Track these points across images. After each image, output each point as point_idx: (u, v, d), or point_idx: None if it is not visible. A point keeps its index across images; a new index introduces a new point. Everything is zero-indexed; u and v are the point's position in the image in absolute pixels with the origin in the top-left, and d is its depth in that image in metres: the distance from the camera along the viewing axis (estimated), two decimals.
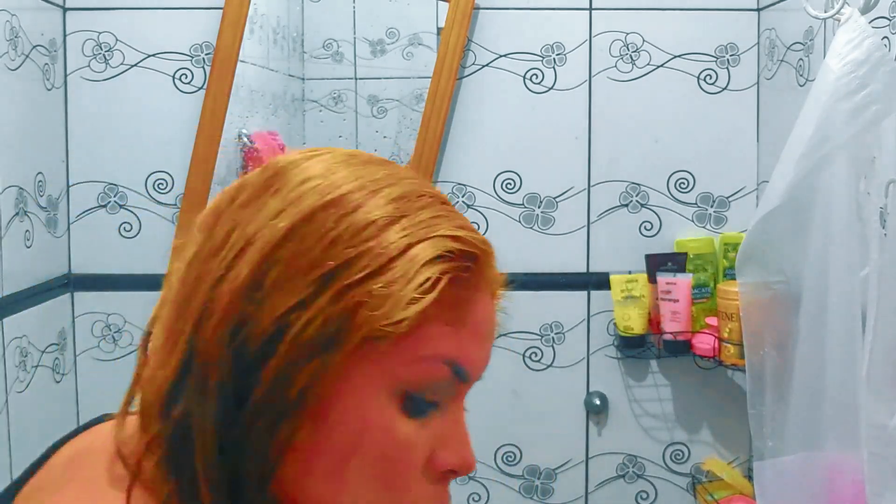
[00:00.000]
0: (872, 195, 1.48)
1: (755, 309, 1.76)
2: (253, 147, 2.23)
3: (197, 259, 0.67)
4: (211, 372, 0.63)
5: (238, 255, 0.64)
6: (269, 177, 0.69)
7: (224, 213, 0.68)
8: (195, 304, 0.65)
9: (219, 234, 0.66)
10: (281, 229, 0.64)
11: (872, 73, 1.46)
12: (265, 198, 0.67)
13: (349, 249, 0.63)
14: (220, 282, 0.64)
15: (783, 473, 1.68)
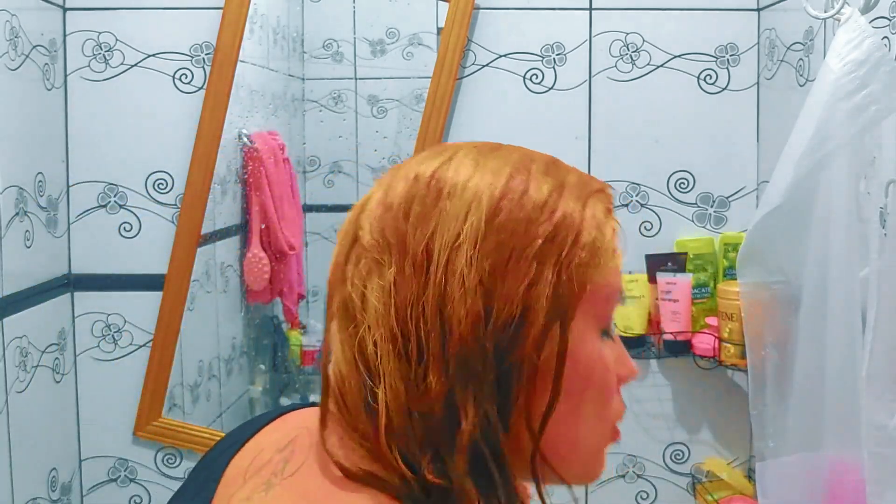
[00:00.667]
0: (872, 195, 1.48)
1: (756, 309, 1.76)
2: (253, 147, 2.23)
3: (402, 276, 0.70)
4: (475, 366, 0.67)
5: (451, 260, 0.68)
6: (433, 187, 0.72)
7: (406, 230, 0.71)
8: (429, 315, 0.68)
9: (415, 248, 0.70)
10: (480, 226, 0.69)
11: (872, 73, 1.46)
12: (441, 204, 0.71)
13: (545, 224, 0.71)
14: (447, 288, 0.68)
15: (784, 474, 1.68)
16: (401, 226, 0.71)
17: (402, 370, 0.68)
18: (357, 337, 0.70)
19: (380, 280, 0.70)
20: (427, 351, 0.68)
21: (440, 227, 0.70)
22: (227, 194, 2.27)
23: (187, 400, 2.26)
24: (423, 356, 0.68)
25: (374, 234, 0.72)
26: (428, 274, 0.69)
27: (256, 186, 2.27)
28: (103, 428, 2.26)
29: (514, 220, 0.71)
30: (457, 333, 0.68)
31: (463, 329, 0.67)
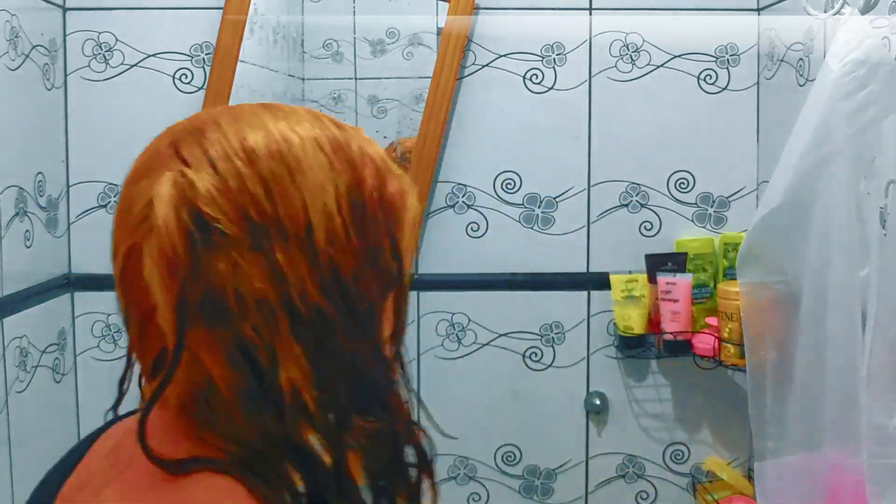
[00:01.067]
0: (872, 195, 1.48)
1: (756, 309, 1.77)
2: None
3: (289, 256, 0.69)
4: (376, 321, 0.73)
5: (329, 230, 0.70)
6: (280, 163, 0.72)
7: (276, 210, 0.70)
8: (329, 285, 0.70)
9: (292, 226, 0.70)
10: (341, 192, 0.72)
11: (872, 74, 1.46)
12: (298, 179, 0.71)
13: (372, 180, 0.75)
14: (336, 256, 0.70)
15: (784, 474, 1.68)
16: (267, 207, 0.68)
17: (307, 346, 0.67)
18: (236, 332, 0.67)
19: (261, 266, 0.67)
20: (332, 318, 0.68)
21: (307, 201, 0.69)
22: None
23: None
24: (327, 326, 0.68)
25: (236, 222, 0.67)
26: (314, 246, 0.68)
27: None
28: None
29: (355, 182, 0.72)
30: (356, 291, 0.69)
31: (360, 285, 0.69)
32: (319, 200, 0.69)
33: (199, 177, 0.68)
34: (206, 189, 0.67)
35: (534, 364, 2.34)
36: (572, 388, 2.35)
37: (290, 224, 0.68)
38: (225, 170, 0.69)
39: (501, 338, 2.33)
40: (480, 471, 2.37)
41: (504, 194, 2.30)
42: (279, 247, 0.67)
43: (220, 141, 0.70)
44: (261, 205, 0.67)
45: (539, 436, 2.37)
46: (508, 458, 2.37)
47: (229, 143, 0.70)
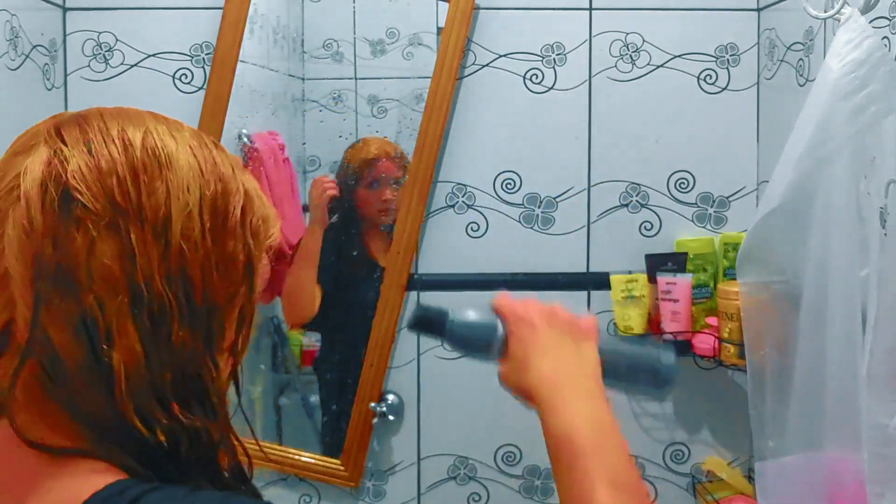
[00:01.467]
0: (872, 195, 1.48)
1: (756, 309, 1.76)
2: (253, 147, 2.23)
3: (143, 241, 0.73)
4: (216, 321, 0.76)
5: (185, 226, 0.74)
6: (152, 157, 0.77)
7: (140, 198, 0.74)
8: (173, 276, 0.73)
9: (153, 215, 0.74)
10: (201, 196, 0.77)
11: (872, 73, 1.46)
12: (165, 174, 0.76)
13: (236, 196, 0.80)
14: (186, 250, 0.74)
15: (784, 474, 1.68)
16: (132, 193, 0.71)
17: (143, 330, 0.70)
18: (81, 306, 0.69)
19: (115, 245, 0.70)
20: (171, 308, 0.71)
21: (171, 196, 0.72)
22: None
23: None
24: (165, 314, 0.71)
25: (100, 199, 0.70)
26: (168, 238, 0.71)
27: None
28: None
29: (221, 194, 0.76)
30: (199, 289, 0.72)
31: (205, 286, 0.73)
32: (183, 199, 0.73)
33: (72, 154, 0.72)
34: (78, 166, 0.71)
35: None
36: None
37: (151, 213, 0.71)
38: (99, 152, 0.72)
39: None
40: (480, 471, 2.37)
41: (504, 194, 2.30)
42: (135, 231, 0.70)
43: (101, 129, 0.76)
44: (126, 190, 0.71)
45: (539, 436, 2.34)
46: (509, 458, 2.37)
47: (108, 132, 0.75)
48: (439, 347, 2.31)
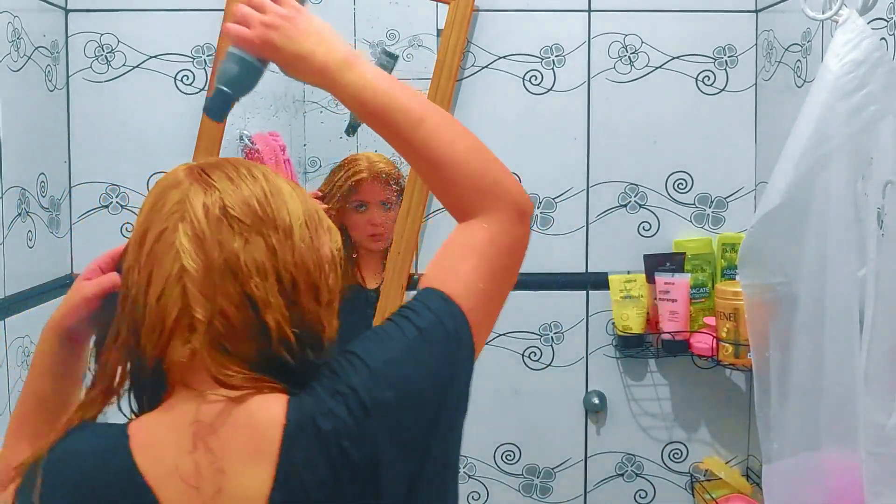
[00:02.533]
0: (870, 196, 1.48)
1: (759, 310, 1.76)
2: (254, 148, 2.24)
3: (280, 242, 1.01)
4: (324, 293, 1.04)
5: (300, 233, 1.03)
6: (274, 188, 1.05)
7: (273, 213, 1.02)
8: (299, 264, 1.01)
9: (282, 225, 1.03)
10: (302, 212, 1.05)
11: (870, 74, 1.47)
12: (283, 198, 1.04)
13: (316, 214, 1.09)
14: (304, 247, 1.03)
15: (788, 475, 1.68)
16: (267, 209, 0.99)
17: (285, 300, 0.97)
18: (243, 287, 0.95)
19: (262, 245, 0.97)
20: (297, 287, 0.99)
21: (290, 213, 1.01)
22: None
23: None
24: (296, 289, 0.99)
25: (248, 215, 0.98)
26: (292, 240, 1.00)
27: None
28: None
29: (311, 211, 1.05)
30: (314, 273, 1.01)
31: (315, 272, 1.01)
32: (295, 214, 1.02)
33: (221, 186, 1.00)
34: (228, 193, 0.99)
35: (533, 363, 2.35)
36: (571, 387, 2.36)
37: (281, 223, 1.00)
38: (239, 184, 1.01)
39: (501, 337, 2.34)
40: (480, 469, 2.38)
41: None
42: (274, 235, 0.99)
43: (233, 169, 1.03)
44: (263, 208, 1.00)
45: (538, 435, 2.38)
46: (508, 456, 2.38)
47: (238, 170, 1.03)
48: None
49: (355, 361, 0.99)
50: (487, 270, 1.10)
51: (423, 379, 1.00)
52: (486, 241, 1.12)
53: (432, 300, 1.05)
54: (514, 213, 1.16)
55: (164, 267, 0.96)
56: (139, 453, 0.94)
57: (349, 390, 0.96)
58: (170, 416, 0.97)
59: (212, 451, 0.94)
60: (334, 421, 0.94)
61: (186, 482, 0.93)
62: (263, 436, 0.94)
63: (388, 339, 1.01)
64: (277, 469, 0.93)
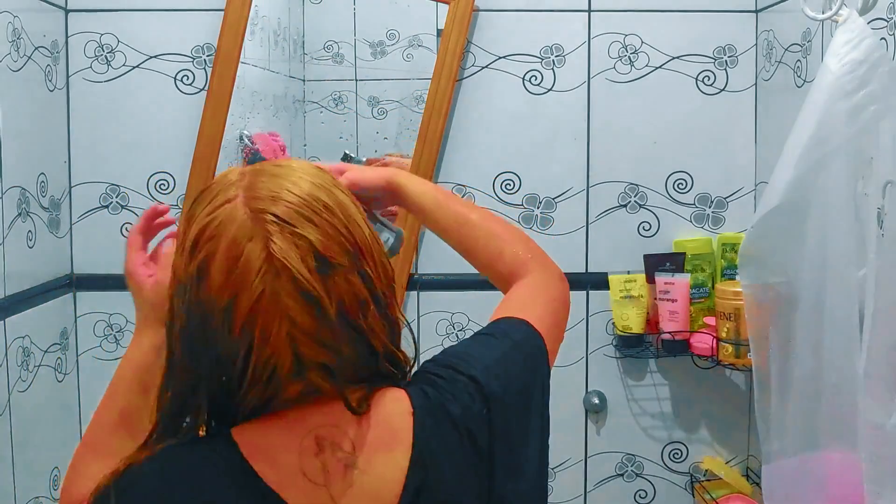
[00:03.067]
0: (870, 196, 1.48)
1: (759, 310, 1.77)
2: (254, 148, 2.24)
3: (368, 269, 1.04)
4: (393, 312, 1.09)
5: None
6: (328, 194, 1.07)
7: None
8: (384, 282, 1.05)
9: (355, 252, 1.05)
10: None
11: (871, 74, 1.47)
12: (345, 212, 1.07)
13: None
14: (373, 262, 1.05)
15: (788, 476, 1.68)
16: (350, 239, 1.00)
17: (379, 311, 1.01)
18: (354, 325, 0.98)
19: (358, 279, 0.99)
20: (390, 303, 1.03)
21: (363, 231, 1.03)
22: None
23: None
24: (389, 307, 1.03)
25: (341, 255, 0.98)
26: (374, 260, 1.02)
27: None
28: None
29: (359, 209, 1.06)
30: (387, 284, 1.04)
31: (391, 276, 1.06)
32: (364, 230, 1.03)
33: (307, 233, 0.97)
34: (317, 239, 0.97)
35: None
36: (571, 387, 2.36)
37: (366, 249, 1.01)
38: (321, 225, 0.99)
39: None
40: None
41: (503, 195, 2.31)
42: (367, 265, 1.00)
43: (307, 207, 1.01)
44: (352, 241, 1.00)
45: None
46: None
47: (313, 206, 1.01)
48: (439, 347, 2.31)
49: (467, 358, 1.06)
50: (549, 310, 1.21)
51: (520, 381, 1.08)
52: (541, 286, 1.25)
53: (516, 322, 1.16)
54: (557, 273, 1.29)
55: (267, 325, 0.94)
56: (255, 460, 0.95)
57: (469, 379, 1.03)
58: (283, 420, 0.99)
59: (340, 448, 0.97)
60: (460, 405, 1.01)
61: (314, 482, 0.96)
62: (394, 425, 0.99)
63: (489, 345, 1.11)
64: (413, 454, 0.98)
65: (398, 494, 0.96)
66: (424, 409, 1.00)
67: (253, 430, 0.98)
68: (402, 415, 1.00)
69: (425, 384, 1.03)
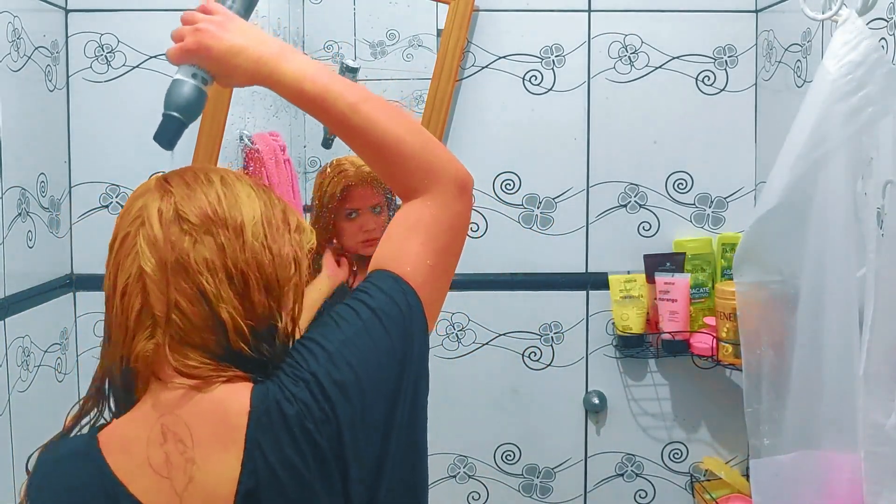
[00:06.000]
0: (869, 196, 1.48)
1: (752, 308, 1.77)
2: (254, 148, 2.24)
3: (229, 240, 1.05)
4: (276, 289, 1.06)
5: (253, 231, 1.06)
6: (229, 188, 1.09)
7: (224, 213, 1.06)
8: (249, 261, 1.04)
9: (233, 224, 1.06)
10: (261, 212, 1.08)
11: (870, 75, 1.47)
12: (239, 199, 1.08)
13: (279, 208, 1.12)
14: (255, 245, 1.06)
15: (780, 471, 1.69)
16: (218, 210, 1.04)
17: (237, 295, 1.01)
18: (195, 282, 1.00)
19: (212, 243, 1.02)
20: (248, 283, 1.02)
21: (243, 212, 1.05)
22: None
23: None
24: (246, 284, 1.02)
25: (198, 216, 1.03)
26: (243, 238, 1.03)
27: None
28: None
29: (269, 211, 1.08)
30: (266, 271, 1.04)
31: (268, 268, 1.04)
32: (249, 213, 1.05)
33: (177, 190, 1.05)
34: (182, 196, 1.04)
35: (533, 363, 2.35)
36: (571, 387, 2.36)
37: (232, 221, 1.03)
38: (193, 187, 1.06)
39: (501, 337, 2.34)
40: (480, 469, 2.38)
41: (503, 195, 2.31)
42: (223, 233, 1.03)
43: (192, 173, 1.10)
44: (214, 208, 1.04)
45: (538, 435, 2.38)
46: (508, 456, 2.38)
47: (196, 175, 1.09)
48: (439, 347, 2.32)
49: (313, 347, 1.04)
50: (433, 247, 1.14)
51: (379, 356, 1.06)
52: (429, 218, 1.14)
53: (383, 280, 1.10)
54: (455, 188, 1.17)
55: (126, 269, 1.03)
56: (109, 453, 1.00)
57: (310, 375, 1.01)
58: (140, 412, 1.02)
59: (181, 440, 0.99)
60: (298, 405, 0.99)
61: (158, 473, 0.98)
62: (230, 423, 0.99)
63: (343, 321, 1.07)
64: (245, 454, 0.98)
65: (233, 494, 0.98)
66: (261, 408, 0.99)
67: (115, 425, 1.04)
68: (240, 413, 0.99)
69: (271, 380, 1.02)
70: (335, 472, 1.00)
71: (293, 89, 1.14)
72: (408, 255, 1.12)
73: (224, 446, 0.99)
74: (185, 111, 1.18)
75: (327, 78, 1.15)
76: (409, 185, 1.16)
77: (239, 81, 1.18)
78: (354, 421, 1.01)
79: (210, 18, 1.17)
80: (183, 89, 1.17)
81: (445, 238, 1.15)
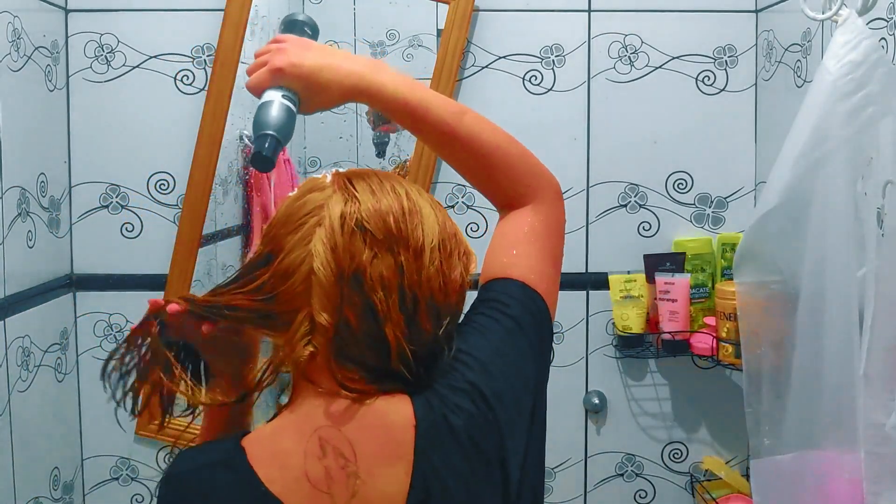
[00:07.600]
0: (870, 196, 1.48)
1: (752, 308, 1.77)
2: None
3: (408, 260, 1.04)
4: (446, 315, 1.06)
5: (431, 254, 1.06)
6: (412, 206, 1.08)
7: (407, 232, 1.05)
8: (423, 284, 1.04)
9: (414, 244, 1.05)
10: (438, 236, 1.07)
11: (870, 75, 1.47)
12: (419, 219, 1.07)
13: (453, 237, 1.11)
14: (432, 269, 1.05)
15: (780, 471, 1.69)
16: (402, 227, 1.02)
17: (405, 316, 1.00)
18: (368, 298, 0.99)
19: (390, 261, 1.01)
20: (418, 307, 1.01)
21: (425, 234, 1.04)
22: (229, 195, 2.28)
23: None
24: (416, 308, 1.01)
25: (381, 230, 1.01)
26: (421, 261, 1.02)
27: (258, 187, 2.28)
28: (105, 427, 2.28)
29: (447, 236, 1.07)
30: (438, 296, 1.03)
31: (439, 295, 1.03)
32: (430, 236, 1.04)
33: (362, 198, 1.04)
34: (367, 206, 1.03)
35: None
36: (571, 387, 2.36)
37: (413, 242, 1.02)
38: (380, 198, 1.04)
39: None
40: None
41: None
42: (403, 253, 1.01)
43: (379, 182, 1.08)
44: (399, 226, 1.02)
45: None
46: None
47: (383, 185, 1.08)
48: None
49: (465, 357, 1.05)
50: (550, 254, 1.18)
51: (524, 364, 1.08)
52: (540, 225, 1.18)
53: (515, 290, 1.12)
54: (553, 194, 1.23)
55: (293, 264, 1.02)
56: (260, 465, 1.00)
57: (468, 384, 1.02)
58: (289, 421, 1.03)
59: (342, 454, 0.99)
60: (463, 415, 1.00)
61: (317, 488, 0.98)
62: (395, 437, 0.99)
63: (488, 331, 1.08)
64: (414, 468, 0.98)
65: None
66: (427, 421, 0.99)
67: (261, 434, 1.03)
68: (404, 427, 0.99)
69: (430, 393, 1.02)
70: (499, 479, 1.02)
71: (395, 101, 1.14)
72: (531, 264, 1.15)
73: (389, 460, 0.99)
74: (279, 129, 1.14)
75: (424, 89, 1.16)
76: (514, 192, 1.20)
77: (329, 98, 1.16)
78: (512, 427, 1.03)
79: (290, 38, 1.18)
80: (272, 110, 1.14)
81: (555, 242, 1.20)
